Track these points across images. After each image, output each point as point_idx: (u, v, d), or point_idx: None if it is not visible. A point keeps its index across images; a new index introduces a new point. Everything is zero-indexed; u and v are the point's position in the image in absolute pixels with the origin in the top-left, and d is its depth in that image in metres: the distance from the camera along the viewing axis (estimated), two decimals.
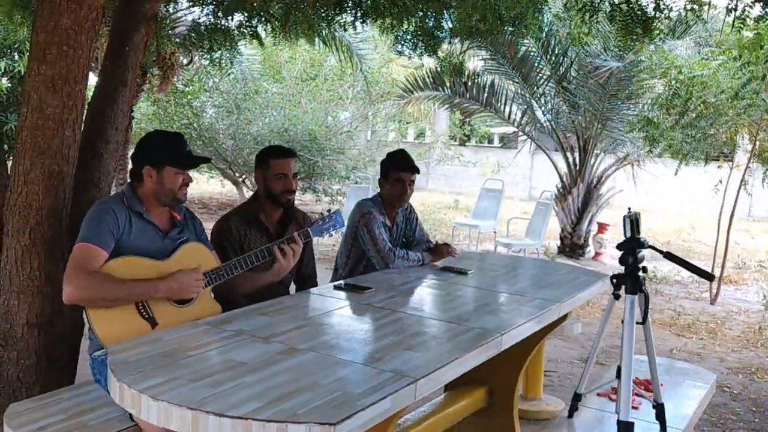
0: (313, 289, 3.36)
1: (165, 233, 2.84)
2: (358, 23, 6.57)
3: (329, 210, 3.28)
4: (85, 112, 3.24)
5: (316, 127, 12.64)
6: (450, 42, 8.05)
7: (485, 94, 10.89)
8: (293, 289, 3.72)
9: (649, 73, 8.55)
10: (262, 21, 6.49)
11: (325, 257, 8.93)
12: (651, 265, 10.06)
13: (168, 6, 6.93)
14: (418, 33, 6.37)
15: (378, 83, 13.92)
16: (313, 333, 2.58)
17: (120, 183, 7.58)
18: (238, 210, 3.55)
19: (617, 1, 5.21)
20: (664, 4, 5.11)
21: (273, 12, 6.12)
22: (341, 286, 3.28)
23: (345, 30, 8.64)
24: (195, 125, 12.41)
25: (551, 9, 9.28)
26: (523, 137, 11.92)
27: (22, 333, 3.04)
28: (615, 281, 2.67)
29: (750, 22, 5.10)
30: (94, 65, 4.95)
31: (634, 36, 5.89)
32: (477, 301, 3.20)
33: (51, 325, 3.09)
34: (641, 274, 2.62)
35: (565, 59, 10.22)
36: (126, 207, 2.76)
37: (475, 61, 12.52)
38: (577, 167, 10.68)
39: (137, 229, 2.75)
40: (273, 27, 6.55)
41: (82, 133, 3.16)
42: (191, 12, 8.07)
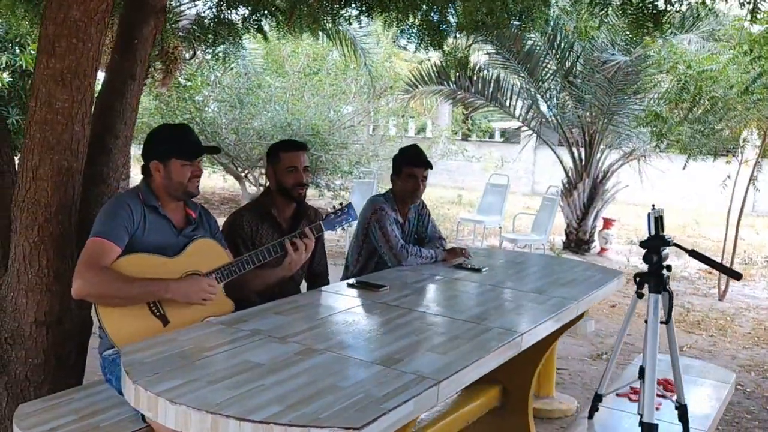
0: (326, 287, 3.30)
1: (179, 230, 2.79)
2: (363, 17, 6.51)
3: (341, 203, 3.23)
4: (93, 106, 3.18)
5: (319, 122, 12.56)
6: (455, 36, 7.99)
7: (490, 88, 10.82)
8: (303, 287, 3.67)
9: (657, 68, 8.47)
10: (266, 14, 6.43)
11: (329, 252, 8.85)
12: None
13: None
14: (423, 27, 6.31)
15: (381, 77, 13.84)
16: (330, 333, 2.53)
17: (123, 178, 7.50)
18: (250, 205, 3.50)
19: None
20: None
21: (278, 5, 6.06)
22: (354, 284, 3.23)
23: (350, 24, 8.58)
24: (197, 120, 12.33)
25: (558, 3, 9.22)
26: (527, 132, 11.85)
27: (30, 331, 2.98)
28: (638, 280, 2.60)
29: (762, 15, 5.04)
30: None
31: (644, 30, 5.83)
32: (494, 300, 3.14)
33: (59, 324, 3.03)
34: (665, 272, 2.56)
35: (571, 53, 10.15)
36: (141, 202, 2.71)
37: (479, 56, 12.45)
38: (583, 162, 10.61)
39: (152, 225, 2.70)
40: (278, 21, 6.49)
41: (90, 128, 3.10)
42: (195, 5, 8.00)
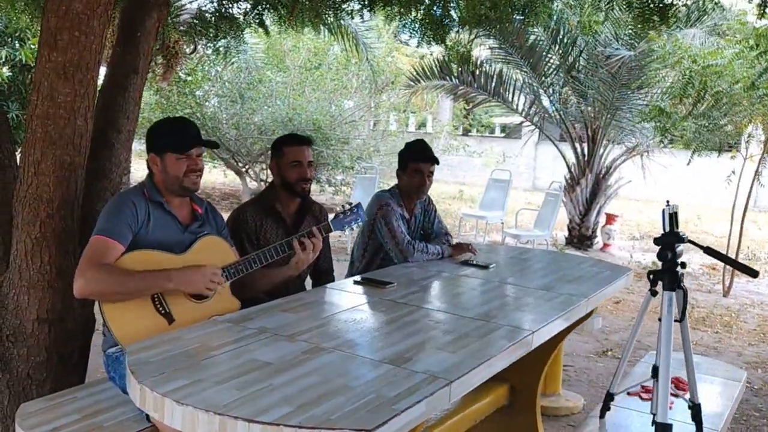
0: (333, 285, 3.26)
1: (185, 227, 2.74)
2: (365, 11, 6.46)
3: (350, 203, 3.17)
4: (96, 100, 3.13)
5: (320, 117, 12.50)
6: (458, 31, 7.94)
7: (493, 83, 10.76)
8: (308, 284, 3.63)
9: (662, 63, 8.41)
10: (268, 8, 6.38)
11: (331, 248, 8.81)
12: None
13: None
14: (425, 21, 6.26)
15: (383, 72, 13.78)
16: (337, 331, 2.49)
17: (125, 173, 7.45)
18: (253, 200, 3.46)
19: None
20: None
21: None
22: (360, 280, 3.18)
23: (352, 18, 8.52)
24: (198, 115, 12.28)
25: None
26: (529, 127, 11.79)
27: (32, 329, 2.94)
28: (652, 277, 2.56)
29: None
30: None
31: (651, 24, 5.78)
32: (502, 297, 3.10)
33: (62, 321, 2.99)
34: (679, 269, 2.51)
35: (575, 48, 10.09)
36: (146, 198, 2.66)
37: (481, 51, 12.39)
38: (586, 158, 10.56)
39: (157, 222, 2.65)
40: (279, 15, 6.44)
41: (93, 123, 3.05)
42: None
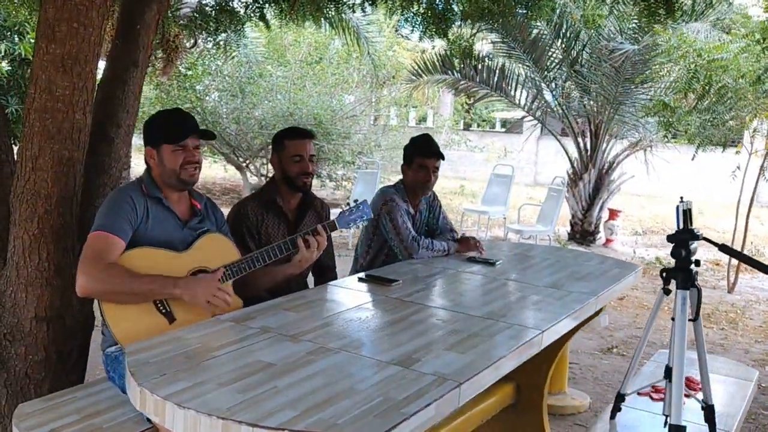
0: (337, 282, 3.20)
1: (184, 222, 2.68)
2: (367, 4, 6.39)
3: (356, 200, 3.10)
4: (95, 94, 3.06)
5: (321, 111, 12.43)
6: (460, 25, 7.87)
7: (495, 77, 10.69)
8: (310, 281, 3.57)
9: (667, 57, 8.34)
10: (269, 2, 6.31)
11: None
12: (663, 253, 9.93)
13: None
14: (427, 15, 6.19)
15: (384, 67, 13.70)
16: (342, 330, 2.42)
17: (125, 168, 7.39)
18: (254, 195, 3.40)
19: None
20: None
21: None
22: (365, 278, 3.12)
23: (353, 12, 8.44)
24: (198, 109, 12.21)
25: None
26: (531, 122, 11.72)
27: (30, 327, 2.88)
28: (665, 275, 2.49)
29: None
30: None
31: (656, 17, 5.71)
32: (510, 295, 3.03)
33: (60, 319, 2.93)
34: (693, 267, 2.44)
35: (578, 42, 10.02)
36: (144, 194, 2.60)
37: (483, 45, 12.31)
38: (588, 153, 10.49)
39: (156, 218, 2.59)
40: (281, 8, 6.37)
41: (91, 117, 2.98)
42: None
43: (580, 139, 10.59)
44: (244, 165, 13.13)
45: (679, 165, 12.19)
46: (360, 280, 3.11)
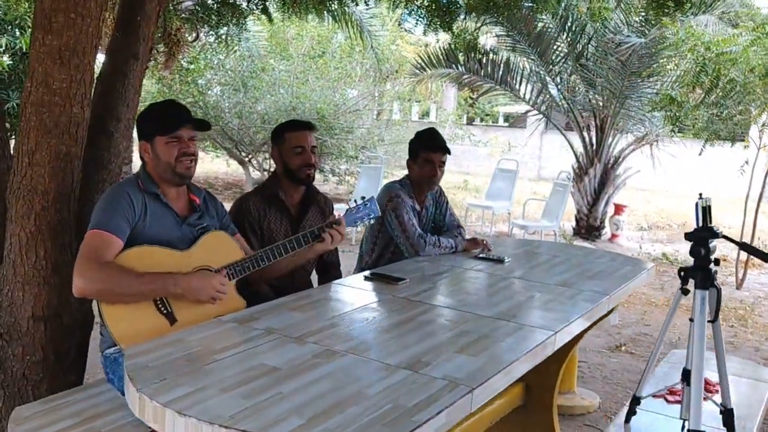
0: (342, 281, 3.11)
1: (183, 219, 2.60)
2: None
3: (363, 197, 3.02)
4: (94, 87, 2.98)
5: (324, 106, 12.34)
6: (464, 18, 7.78)
7: (500, 71, 10.58)
8: (314, 278, 3.49)
9: (674, 50, 8.23)
10: None
11: None
12: (670, 249, 9.84)
13: None
14: (431, 8, 6.11)
15: (387, 61, 13.60)
16: (349, 332, 2.34)
17: (126, 163, 7.31)
18: (256, 189, 3.33)
19: None
20: None
21: None
22: (371, 276, 3.04)
23: (356, 5, 8.35)
24: (200, 103, 12.14)
25: None
26: (535, 116, 11.62)
27: (27, 327, 2.80)
28: (683, 275, 2.40)
29: None
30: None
31: (665, 10, 5.62)
32: (521, 294, 2.95)
33: (58, 318, 2.85)
34: (713, 266, 2.36)
35: (583, 36, 9.90)
36: (141, 190, 2.52)
37: (488, 38, 12.20)
38: (594, 147, 10.39)
39: (153, 215, 2.51)
40: (283, 2, 6.29)
41: (90, 110, 2.90)
42: None
43: (585, 134, 10.48)
44: (246, 160, 13.05)
45: (686, 159, 12.07)
46: (366, 278, 3.02)
